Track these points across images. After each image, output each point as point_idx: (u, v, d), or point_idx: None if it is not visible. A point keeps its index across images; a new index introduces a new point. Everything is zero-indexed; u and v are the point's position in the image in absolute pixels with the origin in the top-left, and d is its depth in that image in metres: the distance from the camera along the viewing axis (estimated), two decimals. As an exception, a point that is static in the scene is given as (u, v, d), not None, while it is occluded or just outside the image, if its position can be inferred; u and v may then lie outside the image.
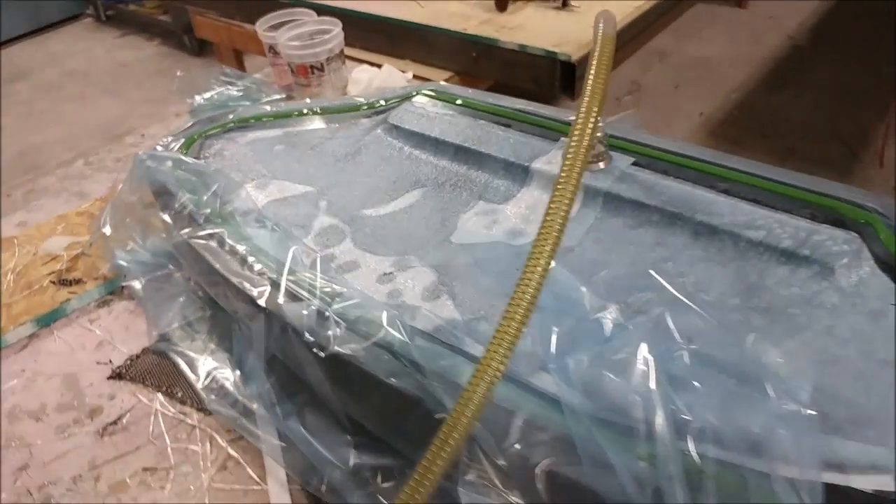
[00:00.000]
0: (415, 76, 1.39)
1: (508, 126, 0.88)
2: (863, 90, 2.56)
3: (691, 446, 0.48)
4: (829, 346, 0.56)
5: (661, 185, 0.73)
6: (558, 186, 0.49)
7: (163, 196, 0.85)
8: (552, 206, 0.49)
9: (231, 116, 1.01)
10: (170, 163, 0.86)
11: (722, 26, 3.23)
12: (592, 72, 0.54)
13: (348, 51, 1.51)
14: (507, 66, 1.40)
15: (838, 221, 0.66)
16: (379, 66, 1.34)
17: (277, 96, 1.25)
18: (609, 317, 0.57)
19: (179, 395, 0.77)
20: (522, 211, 0.78)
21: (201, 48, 3.44)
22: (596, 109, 0.52)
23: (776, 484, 0.45)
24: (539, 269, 0.48)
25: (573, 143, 0.50)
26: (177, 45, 3.67)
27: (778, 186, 0.71)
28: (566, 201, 0.49)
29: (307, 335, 0.63)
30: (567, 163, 0.50)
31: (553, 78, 1.34)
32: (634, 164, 0.77)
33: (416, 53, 1.51)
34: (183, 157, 0.87)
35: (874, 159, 2.18)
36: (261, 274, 0.70)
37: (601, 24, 0.57)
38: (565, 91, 1.35)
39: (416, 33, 1.49)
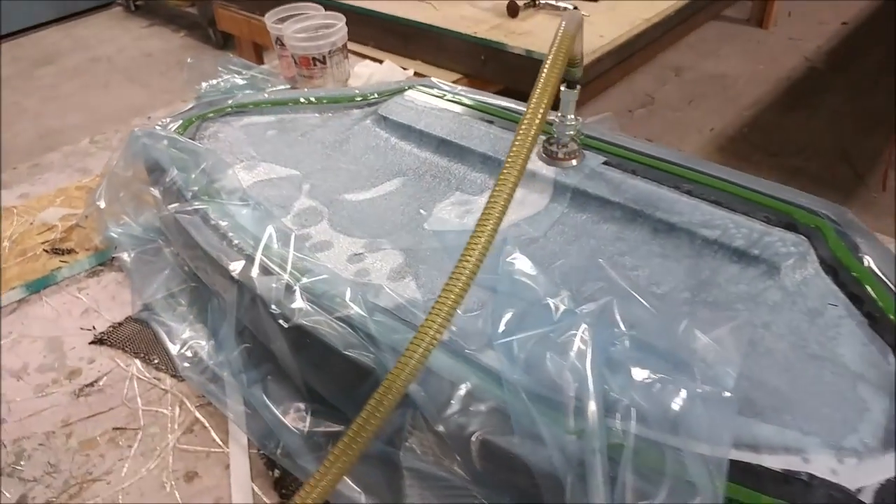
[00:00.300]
0: (417, 75, 1.42)
1: (491, 122, 0.91)
2: (875, 115, 2.56)
3: (617, 423, 0.51)
4: (764, 339, 0.59)
5: (627, 183, 0.76)
6: (503, 171, 0.52)
7: (155, 172, 0.89)
8: (496, 189, 0.52)
9: (230, 102, 1.05)
10: (164, 141, 0.90)
11: (741, 45, 3.24)
12: (547, 65, 0.56)
13: (360, 48, 1.55)
14: (514, 70, 1.42)
15: (791, 225, 0.68)
16: (381, 62, 1.38)
17: (281, 87, 1.29)
18: (559, 302, 0.60)
19: (156, 361, 0.81)
20: (494, 202, 0.80)
21: (225, 41, 3.50)
22: (546, 101, 0.54)
23: (688, 459, 0.47)
24: (479, 247, 0.50)
25: (521, 131, 0.53)
26: (202, 38, 3.74)
27: (739, 189, 0.73)
28: (509, 185, 0.51)
29: (273, 307, 0.66)
30: (514, 150, 0.52)
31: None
32: (605, 163, 0.79)
33: (427, 54, 1.53)
34: (176, 136, 0.91)
35: (879, 183, 2.19)
36: (238, 249, 0.73)
37: (564, 23, 0.60)
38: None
39: (426, 34, 1.51)
